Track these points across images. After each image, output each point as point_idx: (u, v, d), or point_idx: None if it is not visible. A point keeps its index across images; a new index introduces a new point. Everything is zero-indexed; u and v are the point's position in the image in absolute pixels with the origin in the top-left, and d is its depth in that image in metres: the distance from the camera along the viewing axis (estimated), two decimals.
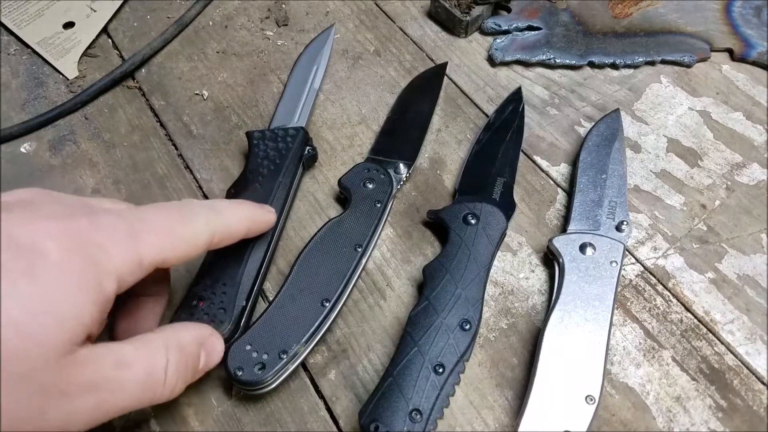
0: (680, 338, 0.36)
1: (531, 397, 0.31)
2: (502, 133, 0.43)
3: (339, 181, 0.41)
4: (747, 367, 0.34)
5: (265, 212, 0.35)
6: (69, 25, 0.53)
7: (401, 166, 0.42)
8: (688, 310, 0.37)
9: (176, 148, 0.46)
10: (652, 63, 0.48)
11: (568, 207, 0.40)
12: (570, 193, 0.41)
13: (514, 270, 0.39)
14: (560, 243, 0.37)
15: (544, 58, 0.48)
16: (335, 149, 0.45)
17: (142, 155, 0.45)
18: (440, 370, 0.32)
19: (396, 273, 0.39)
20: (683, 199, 0.41)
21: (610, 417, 0.33)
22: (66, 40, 0.52)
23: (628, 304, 0.37)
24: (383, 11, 0.54)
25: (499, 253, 0.39)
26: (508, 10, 0.52)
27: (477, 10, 0.50)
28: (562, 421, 0.31)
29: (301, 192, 0.43)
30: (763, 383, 0.34)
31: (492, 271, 0.38)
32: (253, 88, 0.49)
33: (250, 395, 0.34)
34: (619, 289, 0.37)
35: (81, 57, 0.51)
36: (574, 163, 0.42)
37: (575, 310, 0.34)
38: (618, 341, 0.35)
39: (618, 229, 0.38)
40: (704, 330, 0.36)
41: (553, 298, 0.35)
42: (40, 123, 0.47)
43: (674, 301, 0.37)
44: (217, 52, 0.52)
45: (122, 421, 0.34)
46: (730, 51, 0.49)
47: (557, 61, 0.48)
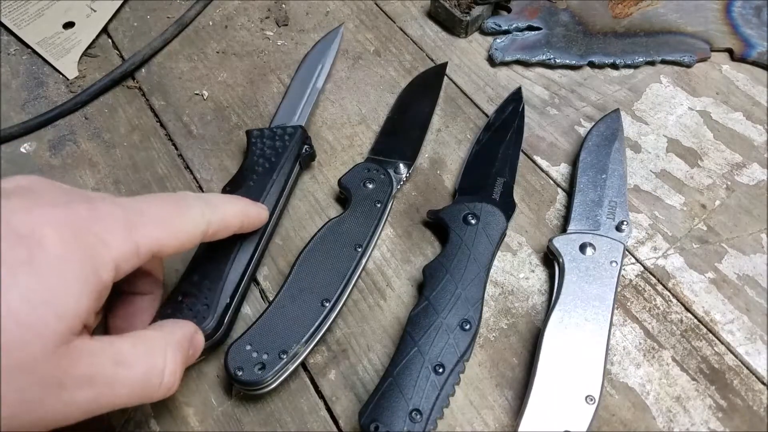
0: (680, 338, 0.36)
1: (531, 397, 0.31)
2: (502, 133, 0.43)
3: (339, 181, 0.41)
4: (747, 367, 0.34)
5: (258, 209, 0.36)
6: (69, 25, 0.53)
7: (401, 166, 0.42)
8: (688, 310, 0.37)
9: (176, 148, 0.46)
10: (652, 63, 0.48)
11: (568, 207, 0.40)
12: (570, 193, 0.41)
13: (514, 270, 0.39)
14: (560, 243, 0.37)
15: (544, 58, 0.48)
16: (335, 149, 0.45)
17: (142, 155, 0.45)
18: (440, 370, 0.32)
19: (396, 273, 0.39)
20: (683, 199, 0.41)
21: (610, 417, 0.33)
22: (66, 40, 0.52)
23: (628, 304, 0.37)
24: (383, 11, 0.54)
25: (499, 253, 0.39)
26: (508, 10, 0.52)
27: (477, 10, 0.50)
28: (562, 421, 0.31)
29: (301, 192, 0.43)
30: (763, 383, 0.34)
31: (492, 271, 0.38)
32: (253, 88, 0.49)
33: (250, 395, 0.34)
34: (619, 289, 0.37)
35: (81, 57, 0.51)
36: (574, 163, 0.42)
37: (575, 310, 0.34)
38: (618, 341, 0.35)
39: (618, 229, 0.38)
40: (704, 330, 0.36)
41: (553, 298, 0.35)
42: (40, 123, 0.47)
43: (674, 301, 0.37)
44: (217, 52, 0.52)
45: (122, 421, 0.34)
46: (730, 51, 0.49)
47: (557, 61, 0.48)
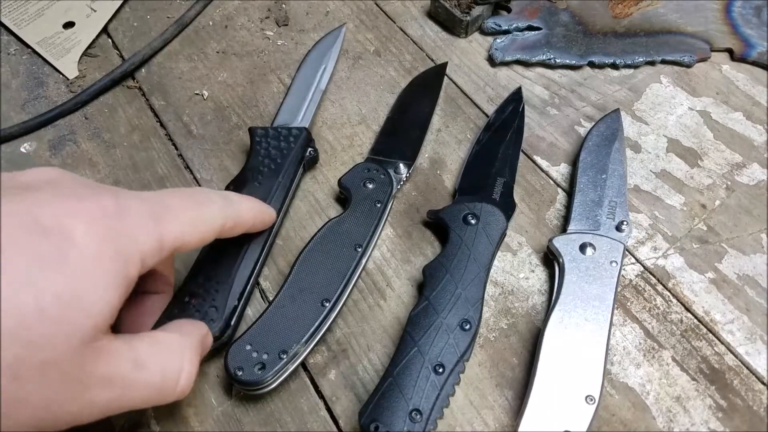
0: (680, 338, 0.36)
1: (531, 397, 0.31)
2: (502, 133, 0.43)
3: (339, 181, 0.41)
4: (747, 367, 0.34)
5: (268, 209, 0.36)
6: (69, 25, 0.53)
7: (401, 166, 0.42)
8: (688, 310, 0.37)
9: (176, 148, 0.46)
10: (652, 63, 0.48)
11: (568, 207, 0.40)
12: (570, 193, 0.41)
13: (514, 270, 0.39)
14: (560, 243, 0.37)
15: (544, 58, 0.48)
16: (335, 149, 0.45)
17: (142, 155, 0.45)
18: (440, 370, 0.32)
19: (396, 273, 0.39)
20: (683, 199, 0.41)
21: (610, 417, 0.33)
22: (66, 40, 0.52)
23: (628, 304, 0.37)
24: (383, 11, 0.54)
25: (499, 253, 0.39)
26: (508, 10, 0.52)
27: (477, 10, 0.50)
28: (562, 421, 0.31)
29: (301, 192, 0.43)
30: (763, 383, 0.34)
31: (492, 271, 0.38)
32: (253, 88, 0.49)
33: (250, 395, 0.34)
34: (619, 289, 0.37)
35: (81, 57, 0.51)
36: (574, 163, 0.42)
37: (575, 310, 0.34)
38: (618, 341, 0.35)
39: (618, 229, 0.38)
40: (704, 330, 0.36)
41: (553, 298, 0.35)
42: (40, 123, 0.47)
43: (674, 301, 0.37)
44: (217, 52, 0.52)
45: (122, 421, 0.34)
46: (730, 51, 0.49)
47: (557, 61, 0.48)
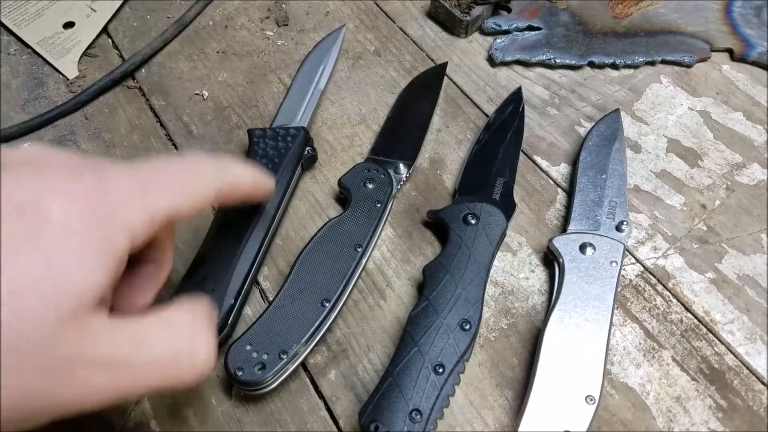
0: (680, 338, 0.36)
1: (531, 397, 0.31)
2: (502, 133, 0.43)
3: (339, 181, 0.41)
4: (747, 367, 0.34)
5: (264, 177, 0.34)
6: (69, 25, 0.53)
7: (401, 166, 0.42)
8: (688, 310, 0.37)
9: (176, 148, 0.46)
10: (652, 63, 0.48)
11: (568, 207, 0.40)
12: (570, 193, 0.41)
13: (514, 270, 0.39)
14: (560, 243, 0.37)
15: (544, 58, 0.48)
16: (335, 149, 0.45)
17: (142, 155, 0.45)
18: (440, 370, 0.32)
19: (396, 273, 0.39)
20: (683, 199, 0.41)
21: (610, 417, 0.33)
22: (66, 40, 0.52)
23: (628, 304, 0.37)
24: (383, 11, 0.54)
25: (499, 253, 0.39)
26: (508, 10, 0.52)
27: (477, 10, 0.50)
28: (562, 421, 0.31)
29: (301, 192, 0.43)
30: (763, 383, 0.34)
31: (492, 271, 0.38)
32: (253, 88, 0.49)
33: (250, 395, 0.34)
34: (619, 289, 0.37)
35: (81, 57, 0.51)
36: (574, 163, 0.42)
37: (575, 310, 0.34)
38: (618, 341, 0.35)
39: (618, 229, 0.38)
40: (704, 330, 0.36)
41: (553, 298, 0.35)
42: (40, 123, 0.47)
43: (674, 301, 0.37)
44: (217, 52, 0.52)
45: (122, 421, 0.34)
46: (730, 51, 0.49)
47: (557, 61, 0.48)
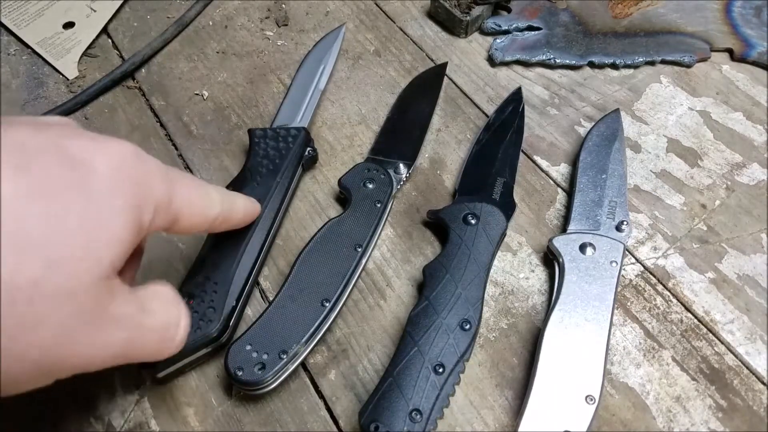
0: (680, 338, 0.36)
1: (531, 397, 0.31)
2: (502, 133, 0.43)
3: (339, 181, 0.41)
4: (747, 367, 0.34)
5: (254, 205, 0.36)
6: (69, 25, 0.53)
7: (401, 166, 0.42)
8: (688, 310, 0.37)
9: (176, 148, 0.46)
10: (652, 63, 0.48)
11: (568, 207, 0.40)
12: (570, 193, 0.41)
13: (514, 270, 0.39)
14: (560, 243, 0.37)
15: (544, 58, 0.48)
16: (335, 149, 0.45)
17: None
18: (440, 370, 0.32)
19: (396, 273, 0.39)
20: (683, 199, 0.41)
21: (610, 417, 0.33)
22: (66, 40, 0.52)
23: (628, 304, 0.37)
24: (383, 11, 0.54)
25: (499, 253, 0.39)
26: (508, 10, 0.52)
27: (477, 10, 0.50)
28: (562, 421, 0.30)
29: (301, 192, 0.43)
30: (763, 383, 0.34)
31: (492, 271, 0.38)
32: (253, 88, 0.49)
33: (250, 395, 0.34)
34: (619, 289, 0.37)
35: (81, 57, 0.51)
36: (574, 163, 0.42)
37: (575, 310, 0.34)
38: (618, 341, 0.35)
39: (618, 229, 0.38)
40: (704, 330, 0.36)
41: (553, 298, 0.35)
42: None
43: (674, 301, 0.37)
44: (217, 52, 0.52)
45: (122, 421, 0.34)
46: (730, 51, 0.49)
47: (557, 61, 0.48)
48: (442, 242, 0.39)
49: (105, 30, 0.53)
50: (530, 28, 0.50)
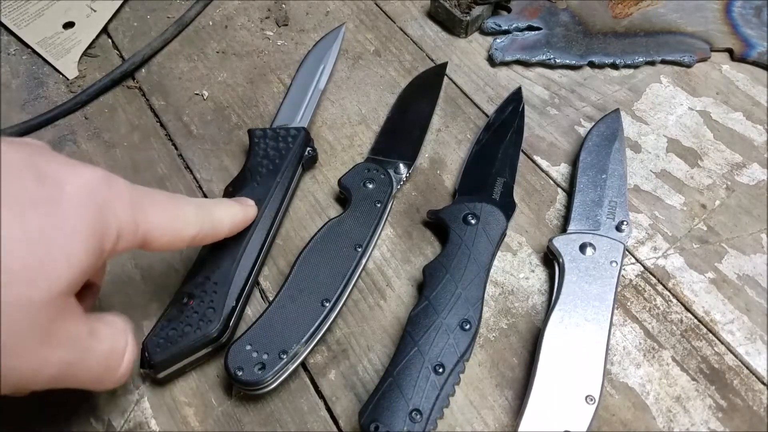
0: (680, 338, 0.36)
1: (531, 397, 0.31)
2: (502, 133, 0.43)
3: (339, 181, 0.41)
4: (747, 367, 0.34)
5: (246, 208, 0.36)
6: (69, 25, 0.53)
7: (401, 166, 0.42)
8: (688, 310, 0.37)
9: (176, 148, 0.46)
10: (652, 63, 0.48)
11: (568, 207, 0.40)
12: (570, 193, 0.41)
13: (514, 270, 0.39)
14: (560, 243, 0.37)
15: (544, 58, 0.48)
16: (335, 149, 0.45)
17: (142, 155, 0.45)
18: (440, 370, 0.32)
19: (396, 273, 0.39)
20: (683, 199, 0.41)
21: (610, 417, 0.33)
22: (66, 40, 0.52)
23: (628, 304, 0.37)
24: (383, 11, 0.54)
25: (499, 253, 0.39)
26: (508, 10, 0.52)
27: (477, 10, 0.50)
28: (562, 421, 0.30)
29: (301, 192, 0.43)
30: (763, 383, 0.34)
31: (492, 271, 0.38)
32: (253, 88, 0.49)
33: (250, 395, 0.34)
34: (619, 289, 0.37)
35: (81, 57, 0.51)
36: (574, 163, 0.42)
37: (575, 310, 0.34)
38: (618, 341, 0.35)
39: (618, 229, 0.38)
40: (704, 330, 0.36)
41: (553, 298, 0.35)
42: (40, 123, 0.47)
43: (674, 301, 0.37)
44: (217, 52, 0.52)
45: (122, 421, 0.34)
46: (730, 51, 0.49)
47: (557, 61, 0.48)
48: (442, 242, 0.39)
49: (105, 30, 0.53)
50: (530, 28, 0.50)
